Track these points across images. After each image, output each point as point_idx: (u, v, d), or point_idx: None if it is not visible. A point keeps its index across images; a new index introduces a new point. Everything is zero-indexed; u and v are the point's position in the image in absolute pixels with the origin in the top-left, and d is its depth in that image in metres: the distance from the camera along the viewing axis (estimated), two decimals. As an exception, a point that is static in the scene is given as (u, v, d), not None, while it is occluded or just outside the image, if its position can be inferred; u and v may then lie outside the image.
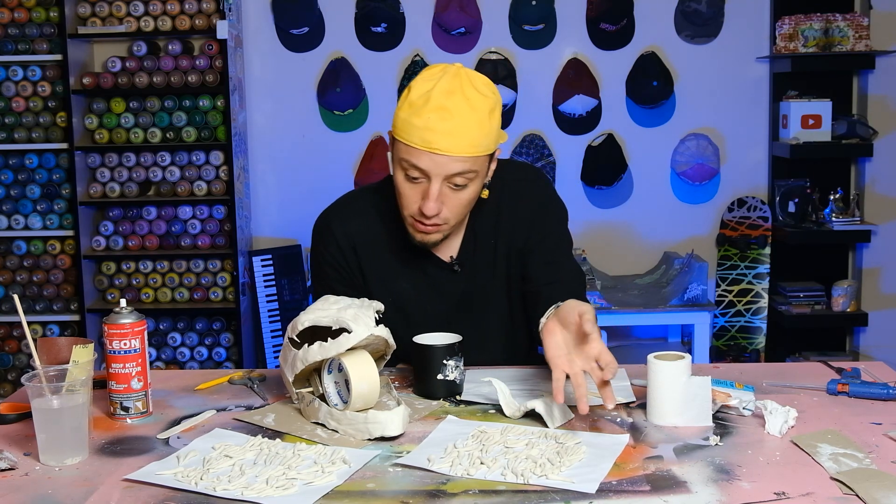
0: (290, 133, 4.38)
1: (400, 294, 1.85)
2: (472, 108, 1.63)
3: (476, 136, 1.64)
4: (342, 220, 1.87)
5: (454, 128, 1.61)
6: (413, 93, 1.66)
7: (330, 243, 1.86)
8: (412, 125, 1.64)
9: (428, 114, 1.62)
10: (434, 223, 1.70)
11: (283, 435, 1.52)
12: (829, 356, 4.01)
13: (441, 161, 1.63)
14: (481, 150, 1.66)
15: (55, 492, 1.32)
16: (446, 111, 1.61)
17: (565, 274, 1.83)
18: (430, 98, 1.62)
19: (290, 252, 4.31)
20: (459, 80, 1.64)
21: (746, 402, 1.56)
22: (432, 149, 1.62)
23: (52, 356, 1.59)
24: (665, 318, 3.99)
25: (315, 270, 1.90)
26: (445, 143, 1.62)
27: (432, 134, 1.62)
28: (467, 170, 1.65)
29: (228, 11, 4.03)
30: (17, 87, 4.13)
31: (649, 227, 4.36)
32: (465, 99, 1.63)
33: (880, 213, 4.27)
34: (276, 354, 4.24)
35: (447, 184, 1.67)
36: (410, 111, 1.64)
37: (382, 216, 1.85)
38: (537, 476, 1.31)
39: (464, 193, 1.69)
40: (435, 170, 1.64)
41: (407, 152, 1.66)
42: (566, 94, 4.27)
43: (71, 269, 4.23)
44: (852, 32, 4.02)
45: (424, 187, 1.67)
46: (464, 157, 1.64)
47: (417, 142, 1.63)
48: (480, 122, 1.64)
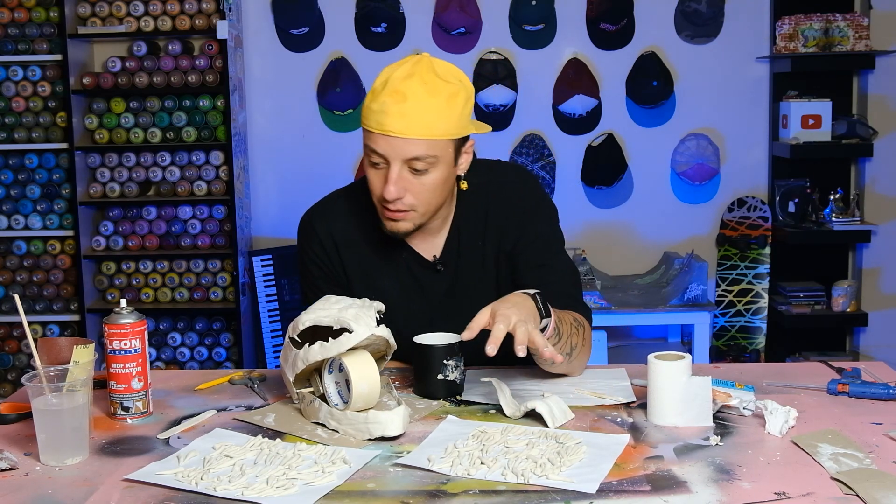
0: (290, 133, 4.38)
1: (383, 292, 1.83)
2: (428, 93, 1.64)
3: (432, 120, 1.64)
4: (324, 219, 1.88)
5: (407, 110, 1.63)
6: (376, 81, 1.70)
7: (313, 242, 1.87)
8: (370, 110, 1.68)
9: (384, 97, 1.64)
10: (399, 209, 1.71)
11: (284, 435, 1.52)
12: (829, 356, 4.01)
13: (396, 144, 1.65)
14: (438, 134, 1.65)
15: (55, 492, 1.32)
16: (400, 94, 1.63)
17: (556, 276, 1.82)
18: (387, 83, 1.66)
19: (290, 252, 4.31)
20: (420, 66, 1.67)
21: (746, 402, 1.56)
22: (385, 131, 1.65)
23: (53, 356, 1.59)
24: (665, 318, 3.99)
25: (301, 269, 1.92)
26: (398, 125, 1.64)
27: (386, 116, 1.64)
28: (425, 154, 1.66)
29: (228, 11, 4.03)
30: (17, 87, 4.13)
31: (649, 227, 4.36)
32: (423, 83, 1.64)
33: (880, 213, 4.27)
34: (276, 354, 4.24)
35: (407, 168, 1.68)
36: (371, 97, 1.68)
37: (364, 214, 1.86)
38: (537, 476, 1.31)
39: (426, 179, 1.69)
40: (391, 153, 1.66)
41: (367, 137, 1.69)
42: (566, 94, 4.27)
43: (71, 269, 4.23)
44: (852, 32, 4.03)
45: (385, 172, 1.69)
46: (418, 139, 1.64)
47: (373, 125, 1.67)
48: (438, 106, 1.64)
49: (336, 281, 1.86)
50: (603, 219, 4.35)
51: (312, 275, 1.88)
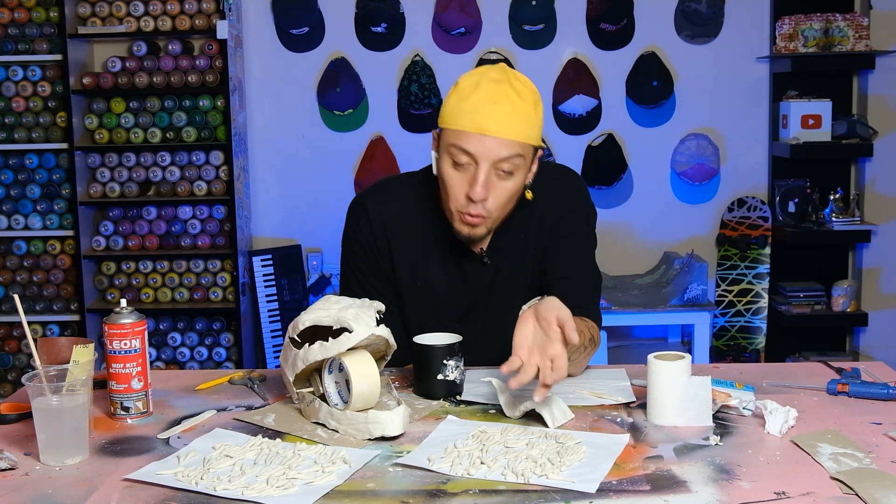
0: (290, 133, 4.38)
1: (428, 280, 1.87)
2: (519, 97, 1.68)
3: (523, 123, 1.68)
4: (378, 201, 1.89)
5: (504, 111, 1.66)
6: (461, 84, 1.71)
7: (362, 223, 1.88)
8: (462, 110, 1.68)
9: (478, 97, 1.67)
10: (479, 213, 1.72)
11: (284, 435, 1.52)
12: (829, 356, 4.01)
13: (490, 144, 1.66)
14: (527, 137, 1.69)
15: (55, 492, 1.32)
16: (495, 94, 1.67)
17: (580, 273, 1.86)
18: (478, 85, 1.68)
19: (290, 252, 4.32)
20: (506, 73, 1.71)
21: (746, 402, 1.56)
22: (482, 130, 1.66)
23: (53, 356, 1.59)
24: (665, 318, 4.00)
25: (345, 249, 1.92)
26: (495, 125, 1.66)
27: (482, 116, 1.66)
28: (514, 154, 1.68)
29: (228, 11, 4.03)
30: (17, 87, 4.13)
31: (649, 227, 4.36)
32: (512, 88, 1.68)
33: (880, 213, 4.27)
34: (276, 354, 4.24)
35: (494, 170, 1.69)
36: (459, 98, 1.69)
37: (419, 202, 1.88)
38: (537, 476, 1.31)
39: (509, 183, 1.71)
40: (484, 153, 1.67)
41: (456, 137, 1.69)
42: (566, 94, 4.27)
43: (71, 269, 4.23)
44: (852, 32, 4.03)
45: (472, 174, 1.70)
46: (512, 140, 1.67)
47: (467, 124, 1.67)
48: (527, 110, 1.69)
49: (378, 265, 1.88)
50: (603, 219, 4.31)
51: (356, 255, 1.89)
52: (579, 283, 1.84)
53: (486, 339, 1.73)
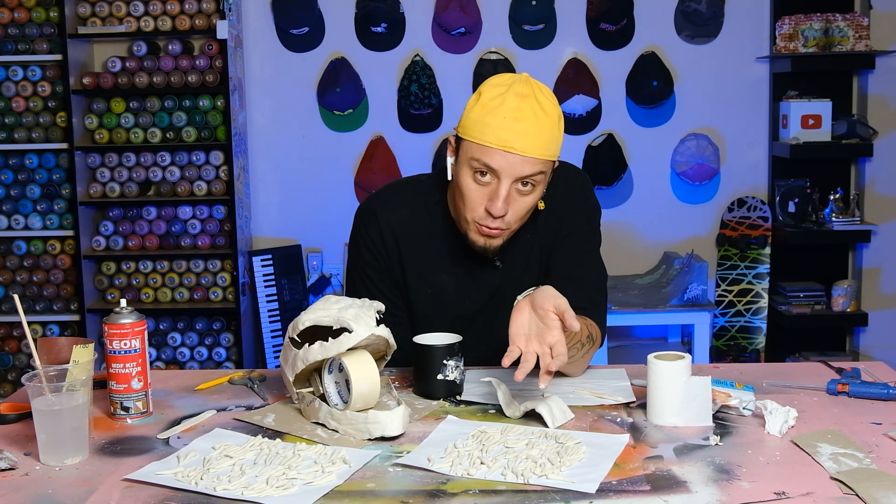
0: (290, 133, 4.38)
1: (439, 286, 1.87)
2: (544, 113, 1.67)
3: (547, 140, 1.67)
4: (388, 208, 1.88)
5: (529, 129, 1.65)
6: (485, 95, 1.69)
7: (372, 229, 1.87)
8: (486, 125, 1.66)
9: (503, 113, 1.65)
10: (498, 227, 1.72)
11: (284, 435, 1.52)
12: (829, 356, 4.01)
13: (514, 161, 1.66)
14: (550, 154, 1.69)
15: (55, 492, 1.32)
16: (521, 112, 1.65)
17: (583, 272, 1.86)
18: (504, 100, 1.66)
19: (290, 252, 4.32)
20: (531, 86, 1.69)
21: (746, 402, 1.56)
22: (507, 148, 1.65)
23: (53, 356, 1.59)
24: (665, 318, 3.99)
25: (353, 253, 1.92)
26: (521, 142, 1.65)
27: (508, 133, 1.64)
28: (537, 171, 1.68)
29: (228, 11, 4.03)
30: (17, 87, 4.14)
31: (649, 227, 4.36)
32: (538, 103, 1.67)
33: (880, 213, 4.27)
34: (276, 354, 4.24)
35: (515, 186, 1.69)
36: (484, 112, 1.67)
37: (428, 208, 1.87)
38: (537, 476, 1.31)
39: (529, 198, 1.71)
40: (507, 169, 1.66)
41: (480, 151, 1.67)
42: (566, 94, 4.27)
43: (71, 269, 4.23)
44: (852, 32, 4.03)
45: (493, 188, 1.69)
46: (535, 158, 1.66)
47: (492, 140, 1.66)
48: (551, 127, 1.68)
49: (387, 271, 1.88)
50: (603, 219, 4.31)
51: (364, 260, 1.88)
52: (584, 282, 1.84)
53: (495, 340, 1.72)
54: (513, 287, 1.87)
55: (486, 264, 1.87)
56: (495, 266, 1.87)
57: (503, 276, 1.88)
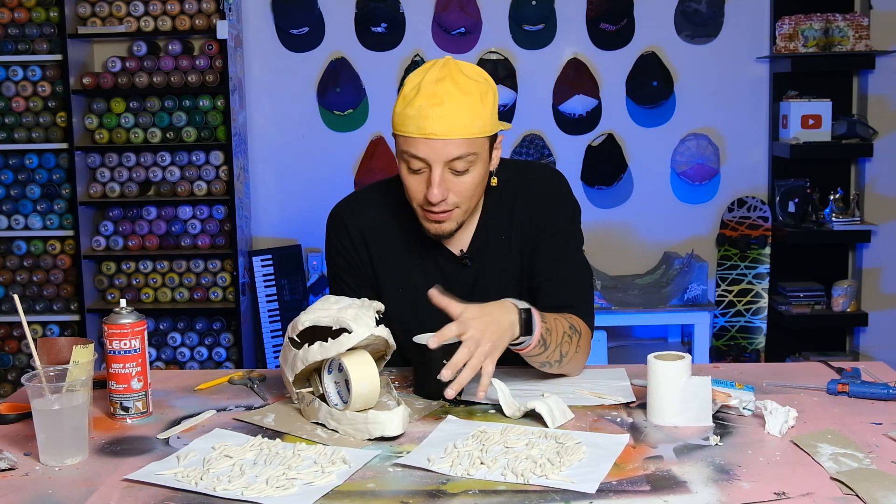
0: (290, 133, 4.38)
1: (410, 286, 1.87)
2: (462, 93, 1.67)
3: (469, 119, 1.67)
4: (354, 211, 1.90)
5: (446, 112, 1.65)
6: (405, 87, 1.71)
7: (341, 234, 1.89)
8: (406, 116, 1.68)
9: (420, 102, 1.66)
10: (443, 209, 1.73)
11: (283, 435, 1.52)
12: (829, 356, 4.01)
13: (437, 146, 1.67)
14: (476, 132, 1.69)
15: (55, 492, 1.32)
16: (436, 97, 1.66)
17: (569, 271, 1.86)
18: (420, 88, 1.67)
19: (290, 252, 4.32)
20: (448, 68, 1.70)
21: (746, 402, 1.56)
22: (427, 134, 1.66)
23: (52, 356, 1.60)
24: (665, 318, 3.99)
25: (328, 261, 1.95)
26: (439, 127, 1.65)
27: (425, 120, 1.66)
28: (465, 153, 1.68)
29: (228, 11, 4.03)
30: (17, 87, 4.13)
31: (649, 227, 4.36)
32: (455, 84, 1.67)
33: (880, 213, 4.27)
34: (276, 354, 4.24)
35: (448, 169, 1.70)
36: (404, 104, 1.69)
37: (395, 209, 1.88)
38: (537, 476, 1.31)
39: (467, 178, 1.72)
40: (433, 156, 1.67)
41: (405, 143, 1.69)
42: (566, 94, 4.27)
43: (71, 269, 4.23)
44: (852, 32, 4.03)
45: (427, 176, 1.70)
46: (459, 139, 1.67)
47: (413, 130, 1.67)
48: (472, 105, 1.68)
49: (361, 274, 1.89)
50: (603, 219, 4.35)
51: (338, 266, 1.91)
52: (570, 281, 1.84)
53: None
54: (489, 288, 1.87)
55: (456, 263, 1.88)
56: (465, 265, 1.87)
57: (476, 275, 1.88)
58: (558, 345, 1.70)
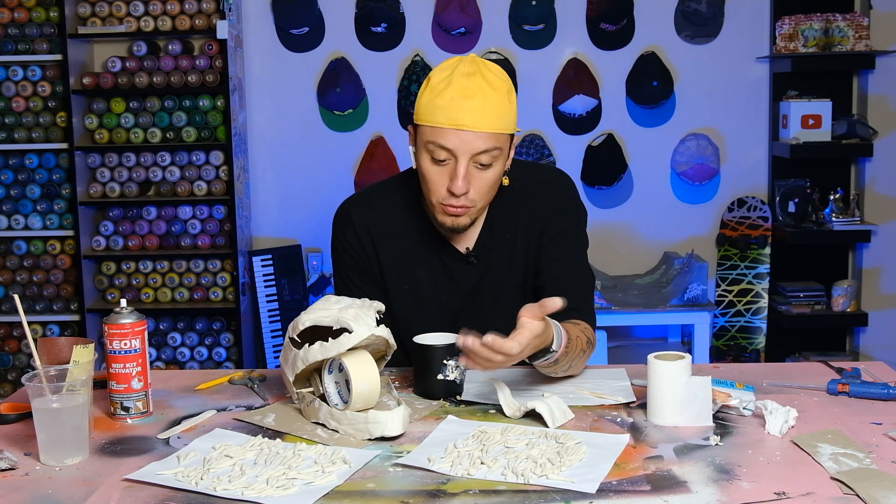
0: (290, 133, 4.38)
1: (416, 283, 1.88)
2: (492, 88, 1.69)
3: (498, 114, 1.69)
4: (361, 209, 1.90)
5: (478, 105, 1.67)
6: (433, 79, 1.72)
7: (348, 230, 1.89)
8: (436, 106, 1.69)
9: (451, 93, 1.68)
10: (463, 204, 1.73)
11: (284, 435, 1.52)
12: (829, 356, 4.01)
13: (467, 138, 1.68)
14: (503, 127, 1.71)
15: (55, 492, 1.32)
16: (468, 90, 1.67)
17: (570, 273, 1.86)
18: (451, 81, 1.69)
19: (290, 252, 4.31)
20: (476, 64, 1.72)
21: (746, 402, 1.56)
22: (458, 125, 1.67)
23: (53, 356, 1.60)
24: (665, 318, 3.99)
25: (333, 257, 1.95)
26: (471, 119, 1.67)
27: (457, 111, 1.67)
28: (492, 147, 1.70)
29: (228, 11, 4.03)
30: (17, 87, 4.13)
31: (649, 227, 4.36)
32: (485, 79, 1.69)
33: (880, 213, 4.27)
34: (276, 354, 4.24)
35: (473, 163, 1.70)
36: (433, 94, 1.70)
37: (401, 206, 1.89)
38: (537, 476, 1.31)
39: (489, 173, 1.73)
40: (462, 147, 1.68)
41: (433, 134, 1.70)
42: (566, 94, 4.27)
43: (71, 269, 4.23)
44: (852, 32, 4.02)
45: (451, 168, 1.71)
46: (487, 133, 1.68)
47: (443, 120, 1.68)
48: (501, 101, 1.70)
49: (367, 271, 1.89)
50: (603, 219, 4.35)
51: (344, 262, 1.91)
52: (573, 283, 1.85)
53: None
54: (493, 286, 1.88)
55: (462, 261, 1.88)
56: (470, 263, 1.88)
57: (481, 274, 1.88)
58: (570, 360, 1.71)
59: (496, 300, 1.88)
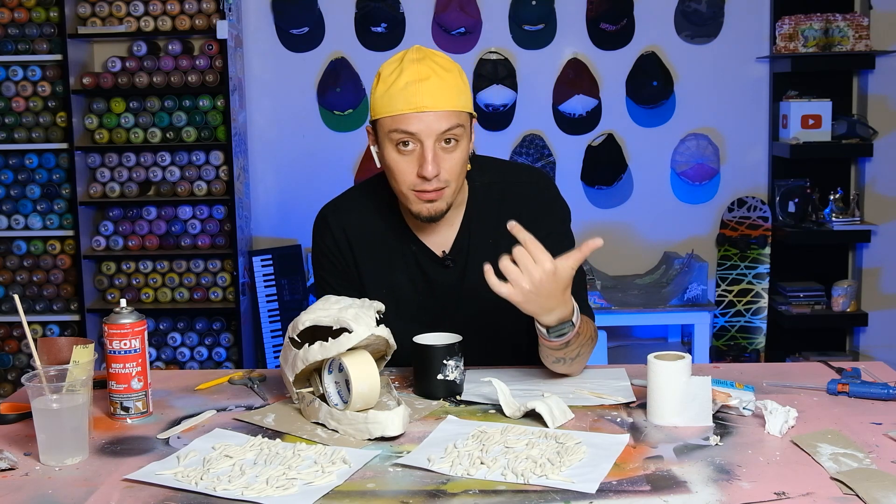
0: (290, 133, 4.38)
1: (394, 287, 1.87)
2: (443, 69, 1.71)
3: (455, 93, 1.71)
4: (338, 214, 1.91)
5: (433, 85, 1.69)
6: (384, 72, 1.74)
7: (326, 235, 1.90)
8: (392, 95, 1.70)
9: (405, 79, 1.69)
10: (436, 188, 1.73)
11: (284, 435, 1.52)
12: (829, 356, 4.01)
13: (429, 120, 1.69)
14: (462, 105, 1.72)
15: (55, 492, 1.32)
16: (421, 73, 1.69)
17: None
18: (402, 69, 1.70)
19: (290, 252, 4.32)
20: (423, 52, 1.74)
21: (746, 402, 1.56)
22: (418, 108, 1.68)
23: (53, 356, 1.60)
24: (665, 318, 3.99)
25: (314, 263, 1.96)
26: (429, 100, 1.68)
27: (414, 95, 1.68)
28: (454, 124, 1.71)
29: (228, 11, 4.03)
30: (17, 87, 4.13)
31: (649, 227, 4.36)
32: (435, 62, 1.72)
33: (880, 213, 4.27)
34: (276, 354, 4.24)
35: (439, 144, 1.71)
36: (386, 86, 1.71)
37: (377, 210, 1.89)
38: (537, 476, 1.31)
39: (456, 154, 1.73)
40: (425, 130, 1.69)
41: (395, 122, 1.70)
42: (566, 94, 4.27)
43: (71, 269, 4.23)
44: (852, 32, 4.02)
45: (418, 153, 1.71)
46: (448, 111, 1.69)
47: (402, 106, 1.69)
48: (455, 80, 1.72)
49: (346, 276, 1.89)
50: (603, 219, 4.35)
51: (324, 267, 1.91)
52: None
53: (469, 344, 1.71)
54: (474, 290, 1.85)
55: (438, 264, 1.88)
56: (447, 266, 1.87)
57: (459, 277, 1.87)
58: (579, 346, 1.71)
59: (476, 304, 1.86)
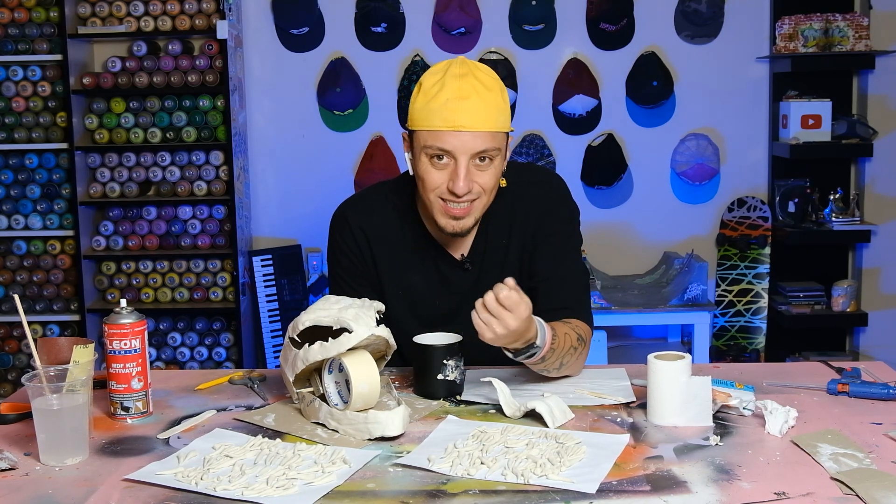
0: (290, 133, 4.38)
1: (410, 288, 1.88)
2: (486, 88, 1.70)
3: (494, 113, 1.70)
4: (358, 212, 1.90)
5: (473, 105, 1.68)
6: (425, 83, 1.73)
7: (345, 234, 1.90)
8: (431, 110, 1.69)
9: (446, 95, 1.68)
10: (465, 202, 1.73)
11: (284, 435, 1.52)
12: (829, 356, 4.01)
13: (465, 139, 1.68)
14: (500, 126, 1.71)
15: (55, 492, 1.32)
16: (462, 90, 1.68)
17: (565, 273, 1.86)
18: (444, 83, 1.70)
19: (290, 252, 4.32)
20: (467, 66, 1.73)
21: (746, 402, 1.56)
22: (456, 127, 1.67)
23: (53, 356, 1.60)
24: (665, 318, 3.99)
25: (329, 259, 1.95)
26: (468, 119, 1.67)
27: (453, 113, 1.67)
28: (490, 146, 1.70)
29: (228, 11, 4.03)
30: (17, 87, 4.13)
31: (649, 227, 4.36)
32: (477, 80, 1.70)
33: (880, 213, 4.27)
34: (276, 354, 4.24)
35: (473, 163, 1.71)
36: (426, 99, 1.70)
37: (398, 212, 1.89)
38: (537, 476, 1.31)
39: (489, 172, 1.73)
40: (461, 148, 1.69)
41: (431, 137, 1.70)
42: (566, 94, 4.27)
43: (71, 269, 4.23)
44: (852, 32, 4.02)
45: (451, 169, 1.71)
46: (485, 132, 1.69)
47: (440, 123, 1.68)
48: (495, 99, 1.71)
49: (363, 274, 1.89)
50: (603, 219, 4.35)
51: (341, 265, 1.91)
52: (567, 283, 1.84)
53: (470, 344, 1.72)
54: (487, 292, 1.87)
55: (457, 266, 1.88)
56: (465, 269, 1.87)
57: (475, 279, 1.88)
58: (560, 356, 1.70)
59: None
